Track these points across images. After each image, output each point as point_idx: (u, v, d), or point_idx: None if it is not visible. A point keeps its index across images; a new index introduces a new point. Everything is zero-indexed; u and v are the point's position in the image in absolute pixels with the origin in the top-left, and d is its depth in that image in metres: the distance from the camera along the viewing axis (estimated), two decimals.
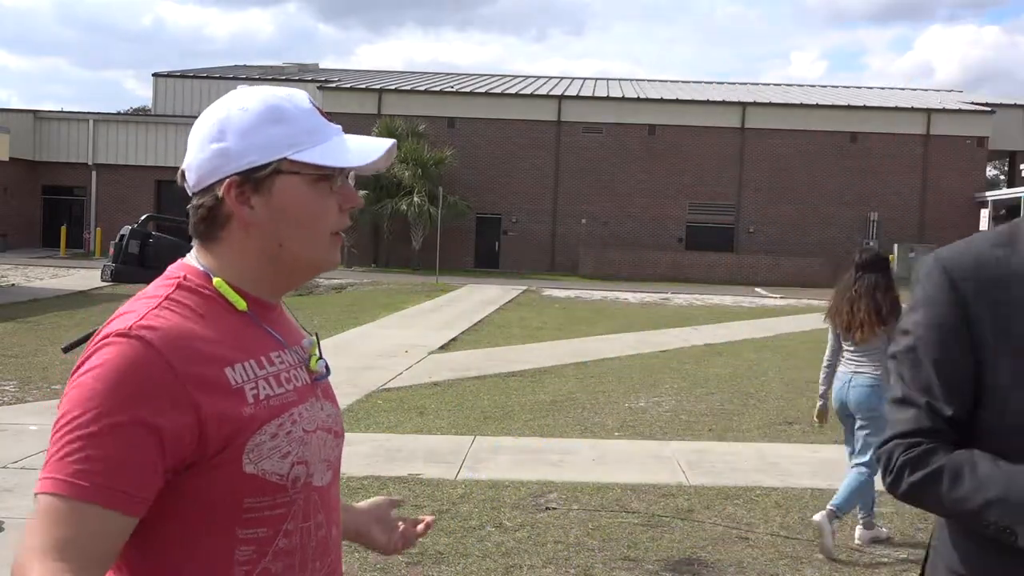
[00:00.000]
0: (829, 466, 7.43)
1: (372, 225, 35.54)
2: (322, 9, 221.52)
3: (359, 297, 23.21)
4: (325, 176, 1.30)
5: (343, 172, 1.33)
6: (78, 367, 1.22)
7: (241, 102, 1.30)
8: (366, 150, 1.34)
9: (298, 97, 1.33)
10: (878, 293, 5.40)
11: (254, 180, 1.28)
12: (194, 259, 1.33)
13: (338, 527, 1.40)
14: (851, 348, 5.55)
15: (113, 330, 1.21)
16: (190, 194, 1.32)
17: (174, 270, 1.33)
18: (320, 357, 1.39)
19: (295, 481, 1.26)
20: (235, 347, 1.26)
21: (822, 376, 5.83)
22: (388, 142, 1.36)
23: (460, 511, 5.88)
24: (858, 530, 5.60)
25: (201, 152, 1.29)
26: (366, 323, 16.89)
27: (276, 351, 1.32)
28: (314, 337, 1.43)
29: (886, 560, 5.30)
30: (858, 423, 5.50)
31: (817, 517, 5.31)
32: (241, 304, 1.29)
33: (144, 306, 1.25)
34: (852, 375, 5.51)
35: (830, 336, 5.74)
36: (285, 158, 1.28)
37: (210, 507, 1.21)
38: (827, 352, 5.77)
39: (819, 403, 5.93)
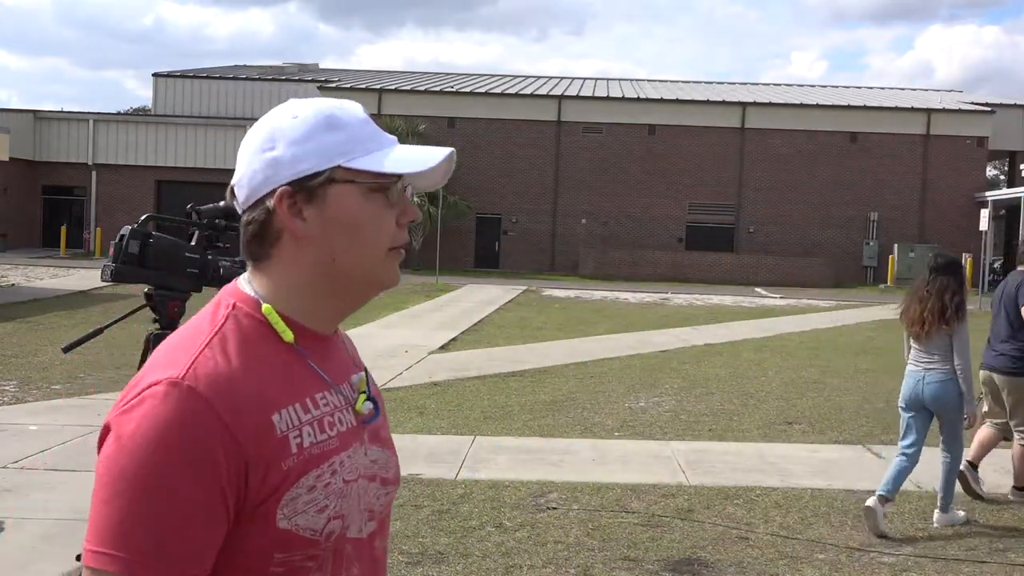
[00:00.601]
0: (829, 466, 7.43)
1: None
2: (322, 9, 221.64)
3: None
4: (381, 187, 1.23)
5: (400, 183, 1.26)
6: (123, 412, 1.12)
7: (293, 111, 1.25)
8: (423, 158, 1.26)
9: (350, 106, 1.28)
10: (946, 295, 5.78)
11: (307, 189, 1.21)
12: (246, 282, 1.25)
13: None
14: (918, 347, 5.91)
15: (161, 378, 1.12)
16: (240, 212, 1.26)
17: (226, 296, 1.25)
18: (368, 397, 1.29)
19: (328, 536, 1.18)
20: (283, 388, 1.18)
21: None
22: (447, 150, 1.27)
23: (460, 511, 5.88)
24: (873, 500, 5.76)
25: (251, 164, 1.23)
26: (366, 323, 16.88)
27: (321, 392, 1.23)
28: (363, 373, 1.33)
29: (886, 560, 5.30)
30: (938, 418, 5.90)
31: (937, 521, 5.88)
32: (288, 335, 1.21)
33: (193, 345, 1.17)
34: (924, 372, 5.86)
35: (904, 335, 6.12)
36: (339, 166, 1.21)
37: (234, 560, 1.15)
38: (904, 350, 6.17)
39: None
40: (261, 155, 1.22)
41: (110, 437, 1.12)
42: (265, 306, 1.21)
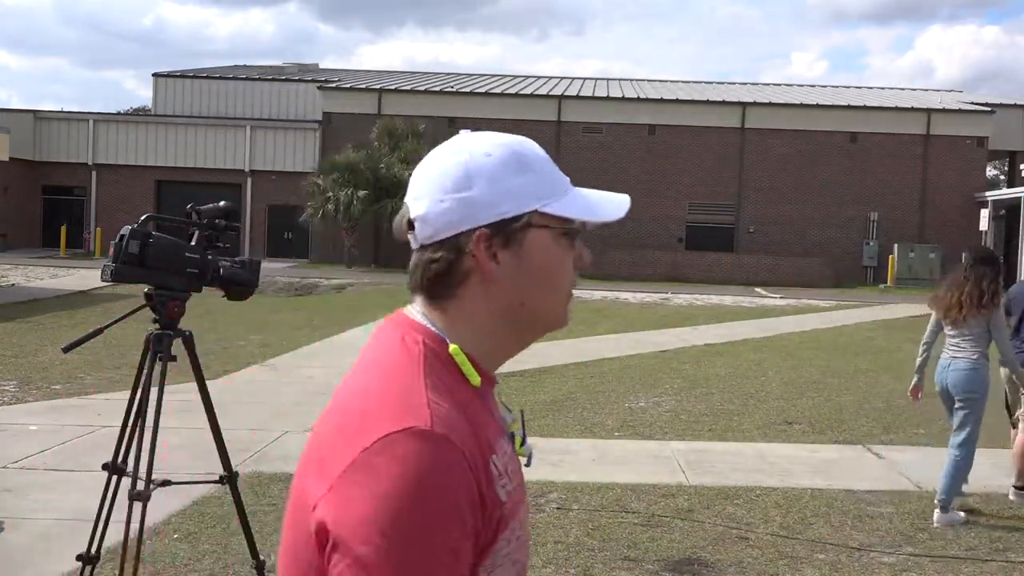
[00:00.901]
0: (829, 466, 7.43)
1: (372, 225, 35.54)
2: (322, 9, 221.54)
3: (359, 297, 23.23)
4: (570, 232, 1.22)
5: (585, 227, 1.24)
6: (359, 469, 1.02)
7: (482, 148, 1.21)
8: (613, 204, 1.26)
9: (531, 144, 1.25)
10: (984, 282, 5.97)
11: (504, 233, 1.17)
12: (423, 317, 1.19)
13: None
14: (951, 332, 6.06)
15: (405, 426, 1.04)
16: (416, 246, 1.20)
17: (409, 331, 1.18)
18: (524, 440, 1.25)
19: None
20: (485, 433, 1.13)
21: (919, 352, 6.42)
22: (626, 197, 1.28)
23: None
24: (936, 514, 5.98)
25: (441, 201, 1.17)
26: (366, 323, 16.88)
27: (500, 437, 1.17)
28: (518, 414, 1.28)
29: (886, 560, 5.30)
30: (956, 403, 6.01)
31: (936, 520, 5.87)
32: (476, 379, 1.16)
33: (414, 387, 1.10)
34: (951, 359, 6.02)
35: (931, 320, 6.30)
36: (536, 210, 1.19)
37: None
38: (926, 334, 6.35)
39: (914, 379, 6.45)
40: (455, 194, 1.17)
41: (343, 496, 1.03)
42: (453, 347, 1.17)
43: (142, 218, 3.76)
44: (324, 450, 1.08)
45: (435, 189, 1.18)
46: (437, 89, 39.87)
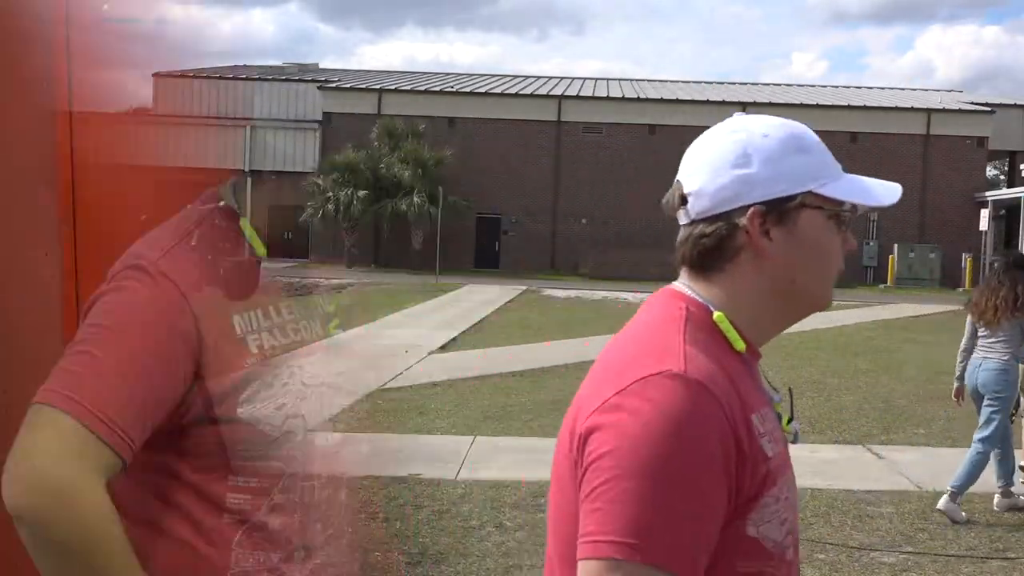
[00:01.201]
0: (829, 466, 7.43)
1: (372, 225, 35.56)
2: (323, 9, 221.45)
3: (359, 297, 23.23)
4: (840, 215, 1.25)
5: (856, 212, 1.27)
6: (619, 405, 1.09)
7: (760, 128, 1.24)
8: (886, 189, 1.28)
9: (805, 128, 1.28)
10: (1019, 286, 6.14)
11: (779, 211, 1.21)
12: (688, 289, 1.25)
13: None
14: (984, 334, 6.24)
15: (660, 370, 1.10)
16: (686, 220, 1.25)
17: (672, 299, 1.25)
18: (792, 418, 1.29)
19: (784, 552, 1.17)
20: (750, 396, 1.16)
21: (958, 359, 6.52)
22: (898, 187, 1.30)
23: (460, 511, 5.88)
24: (996, 498, 6.16)
25: (720, 177, 1.21)
26: (366, 323, 16.89)
27: (765, 407, 1.21)
28: (787, 393, 1.31)
29: (886, 560, 5.30)
30: (985, 401, 6.16)
31: (941, 505, 5.97)
32: (740, 344, 1.20)
33: (671, 339, 1.15)
34: (982, 360, 6.21)
35: (968, 324, 6.43)
36: (810, 191, 1.22)
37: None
38: (963, 340, 6.48)
39: (955, 384, 6.58)
40: (733, 171, 1.21)
41: (608, 426, 1.08)
42: (717, 314, 1.21)
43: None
44: (585, 396, 1.17)
45: (712, 166, 1.22)
46: (437, 89, 39.88)
